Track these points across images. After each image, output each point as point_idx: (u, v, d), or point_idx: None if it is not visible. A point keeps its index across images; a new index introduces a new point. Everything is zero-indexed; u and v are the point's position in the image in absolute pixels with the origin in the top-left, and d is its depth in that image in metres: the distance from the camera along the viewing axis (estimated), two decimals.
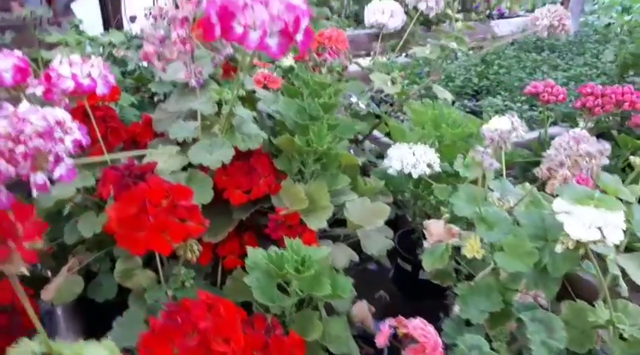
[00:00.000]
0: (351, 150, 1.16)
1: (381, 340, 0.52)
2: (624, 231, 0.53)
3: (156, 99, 1.27)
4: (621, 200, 0.56)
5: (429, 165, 0.83)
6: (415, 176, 0.83)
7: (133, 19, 2.28)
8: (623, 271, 0.69)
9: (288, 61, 1.28)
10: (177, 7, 0.62)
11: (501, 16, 2.85)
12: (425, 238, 0.79)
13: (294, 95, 0.84)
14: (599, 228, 0.51)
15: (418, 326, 0.52)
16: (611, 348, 0.61)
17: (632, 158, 0.85)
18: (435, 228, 0.78)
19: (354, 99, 1.16)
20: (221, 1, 0.49)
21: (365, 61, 1.63)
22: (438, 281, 0.80)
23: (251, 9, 0.48)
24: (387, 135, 1.37)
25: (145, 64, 1.38)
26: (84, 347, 0.31)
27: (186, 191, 0.62)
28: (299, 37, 0.52)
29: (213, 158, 0.71)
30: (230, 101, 0.71)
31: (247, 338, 0.56)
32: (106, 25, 2.47)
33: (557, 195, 0.57)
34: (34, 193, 0.75)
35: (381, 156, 1.24)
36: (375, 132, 1.36)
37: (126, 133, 0.93)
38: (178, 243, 0.59)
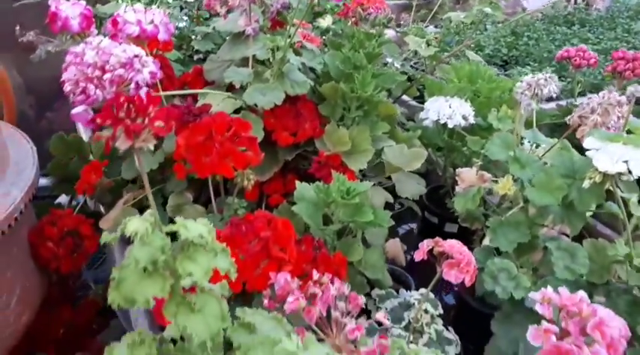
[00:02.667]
0: None
1: (420, 255, 0.58)
2: None
3: (195, 57, 1.34)
4: None
5: (464, 117, 0.88)
6: (450, 126, 0.88)
7: None
8: None
9: (326, 21, 1.33)
10: None
11: None
12: (456, 185, 0.84)
13: (338, 47, 0.89)
14: (626, 162, 0.56)
15: (454, 245, 0.58)
16: (627, 280, 0.66)
17: None
18: (467, 175, 0.83)
19: (389, 59, 1.21)
20: None
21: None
22: (467, 224, 0.86)
23: None
24: (416, 98, 1.42)
25: (185, 24, 1.44)
26: (187, 222, 0.38)
27: (246, 124, 0.69)
28: None
29: (266, 99, 0.78)
30: (283, 48, 0.77)
31: (298, 253, 0.63)
32: None
33: None
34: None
35: (411, 119, 1.29)
36: (405, 97, 1.41)
37: (178, 81, 1.00)
38: (240, 169, 0.66)
